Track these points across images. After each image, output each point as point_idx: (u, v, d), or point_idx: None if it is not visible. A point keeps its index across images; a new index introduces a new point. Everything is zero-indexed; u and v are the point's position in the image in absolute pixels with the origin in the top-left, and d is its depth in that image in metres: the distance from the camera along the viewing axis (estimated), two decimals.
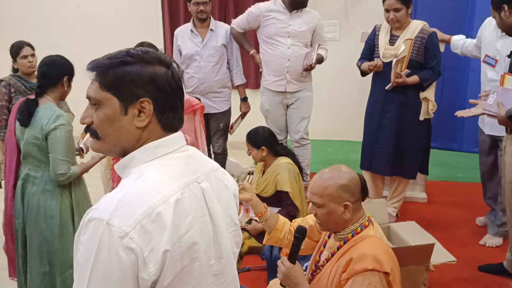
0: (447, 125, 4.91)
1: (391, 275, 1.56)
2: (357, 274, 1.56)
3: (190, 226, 1.03)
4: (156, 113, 1.06)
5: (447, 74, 4.47)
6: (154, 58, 1.08)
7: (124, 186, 1.02)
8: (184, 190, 1.05)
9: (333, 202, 1.68)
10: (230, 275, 1.18)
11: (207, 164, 1.19)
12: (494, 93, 2.41)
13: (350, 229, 1.70)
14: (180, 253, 1.00)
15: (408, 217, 3.34)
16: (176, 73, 1.10)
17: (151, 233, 0.96)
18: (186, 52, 3.69)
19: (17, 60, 3.21)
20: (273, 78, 3.69)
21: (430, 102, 3.22)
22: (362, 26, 5.09)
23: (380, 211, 2.66)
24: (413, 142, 3.26)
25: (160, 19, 5.71)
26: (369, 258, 1.56)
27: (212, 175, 1.17)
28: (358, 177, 1.72)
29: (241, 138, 5.59)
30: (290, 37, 3.56)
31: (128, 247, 0.93)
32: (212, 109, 3.79)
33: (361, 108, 3.72)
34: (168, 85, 1.07)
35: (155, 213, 0.97)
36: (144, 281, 0.96)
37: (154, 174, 1.04)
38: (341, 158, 4.99)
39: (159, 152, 1.07)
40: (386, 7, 3.12)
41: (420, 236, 2.53)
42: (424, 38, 3.12)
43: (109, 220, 0.94)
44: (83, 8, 5.85)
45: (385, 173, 3.41)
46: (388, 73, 3.15)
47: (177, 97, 1.10)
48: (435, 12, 4.67)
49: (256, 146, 3.00)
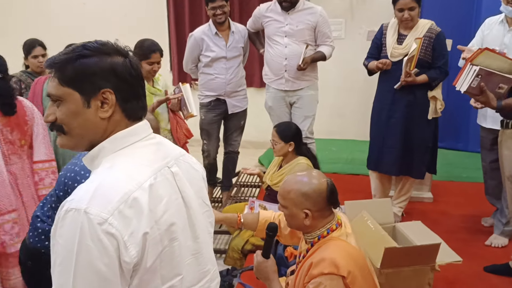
0: (453, 125, 4.89)
1: (348, 278, 1.57)
2: (314, 278, 1.58)
3: (166, 208, 1.07)
4: (119, 103, 1.09)
5: (453, 73, 4.42)
6: (112, 49, 1.10)
7: (98, 176, 1.05)
8: (156, 175, 1.08)
9: (295, 207, 1.70)
10: (208, 254, 1.24)
11: (175, 149, 1.23)
12: (479, 76, 2.40)
13: (316, 234, 1.72)
14: (159, 235, 1.04)
15: (414, 217, 3.33)
16: (134, 62, 1.13)
17: (129, 218, 0.99)
18: (213, 55, 3.71)
19: (28, 59, 3.31)
20: (273, 76, 3.75)
21: (438, 101, 3.21)
22: (367, 24, 5.09)
23: (385, 210, 2.65)
24: (421, 141, 3.25)
25: (166, 18, 5.72)
26: (326, 262, 1.58)
27: (181, 159, 1.21)
28: (325, 187, 1.70)
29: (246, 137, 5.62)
30: (288, 36, 3.59)
31: (109, 232, 0.95)
32: (237, 108, 3.91)
33: (366, 107, 3.71)
34: (128, 74, 1.10)
35: (131, 198, 1.00)
36: (127, 264, 0.98)
37: (126, 162, 1.07)
38: (346, 157, 4.99)
39: (128, 141, 1.10)
40: (400, 7, 3.08)
41: (426, 236, 2.52)
42: (432, 38, 3.11)
43: (87, 209, 0.96)
44: (89, 5, 5.88)
45: (392, 173, 3.39)
46: (395, 73, 3.13)
47: (138, 85, 1.13)
48: (441, 11, 4.65)
49: (285, 139, 2.96)
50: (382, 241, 2.25)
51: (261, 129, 5.21)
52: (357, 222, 2.40)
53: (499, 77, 2.43)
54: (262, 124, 4.96)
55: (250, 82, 5.76)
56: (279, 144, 2.97)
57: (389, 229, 2.58)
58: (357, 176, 4.40)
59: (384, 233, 2.34)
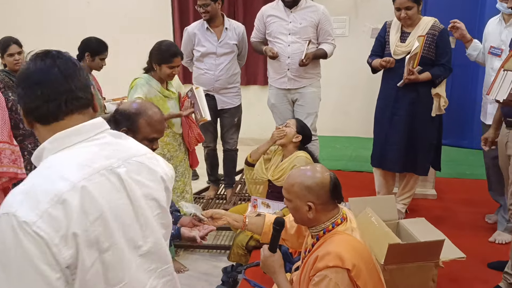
0: (457, 122, 4.89)
1: (353, 271, 1.58)
2: (320, 271, 1.60)
3: (103, 210, 1.05)
4: (25, 113, 1.13)
5: (457, 71, 4.44)
6: (33, 56, 1.13)
7: (31, 178, 1.06)
8: (92, 176, 1.06)
9: (298, 200, 1.73)
10: (160, 254, 1.23)
11: (129, 149, 1.20)
12: None
13: (321, 227, 1.74)
14: (95, 237, 1.03)
15: (418, 214, 3.34)
16: (48, 64, 1.12)
17: (59, 220, 0.98)
18: (203, 50, 3.77)
19: (4, 57, 3.28)
20: (276, 76, 3.77)
21: (442, 98, 3.21)
22: (371, 22, 5.08)
23: (389, 207, 2.67)
24: (424, 138, 3.25)
25: (170, 16, 5.73)
26: (331, 255, 1.60)
27: (134, 160, 1.18)
28: (328, 181, 1.72)
29: (249, 135, 5.65)
30: (291, 34, 3.60)
31: (38, 235, 0.96)
32: (226, 104, 3.91)
33: (370, 105, 3.72)
34: (36, 82, 1.10)
35: (61, 200, 1.00)
36: (61, 264, 0.98)
37: (61, 162, 1.07)
38: (350, 154, 5.00)
39: (70, 141, 1.10)
40: (397, 6, 3.10)
41: (430, 232, 2.53)
42: (435, 35, 3.11)
43: (16, 212, 0.97)
44: (93, 4, 5.89)
45: (396, 170, 3.40)
46: (399, 70, 3.14)
47: (51, 87, 1.10)
48: (444, 9, 4.64)
49: (298, 130, 3.03)
50: (386, 238, 2.26)
51: (264, 126, 5.23)
52: (361, 219, 2.41)
53: None
54: (265, 122, 4.98)
55: (254, 80, 5.78)
56: (291, 128, 3.01)
57: (393, 225, 2.60)
58: (361, 173, 4.42)
59: (388, 229, 2.35)
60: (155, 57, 2.90)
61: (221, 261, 3.28)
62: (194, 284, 3.02)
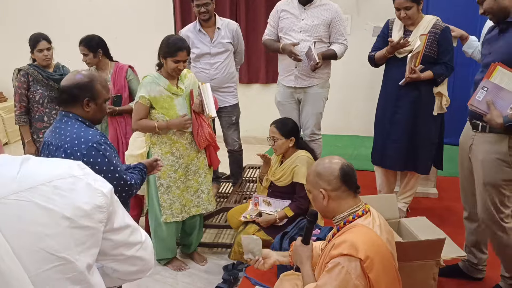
0: (458, 121, 4.85)
1: (365, 262, 1.58)
2: (333, 258, 1.62)
3: None
4: None
5: (459, 70, 4.44)
6: None
7: None
8: None
9: (314, 188, 1.80)
10: None
11: (8, 184, 0.92)
12: (484, 88, 2.19)
13: (341, 218, 1.76)
14: None
15: (419, 213, 3.34)
16: None
17: None
18: (198, 52, 3.78)
19: (34, 52, 3.42)
20: (284, 73, 3.75)
21: (444, 97, 3.21)
22: (373, 20, 5.08)
23: (391, 206, 2.66)
24: (426, 137, 3.25)
25: (172, 14, 5.73)
26: (347, 243, 1.61)
27: (12, 198, 0.91)
28: (338, 167, 1.77)
29: (252, 133, 5.65)
30: (303, 32, 3.55)
31: None
32: (223, 102, 3.90)
33: (371, 103, 3.71)
34: None
35: None
36: None
37: None
38: (351, 153, 5.00)
39: None
40: (396, 6, 3.10)
41: (431, 231, 2.53)
42: (437, 34, 3.10)
43: None
44: (95, 1, 5.90)
45: (397, 168, 3.40)
46: (401, 69, 3.13)
47: None
48: (446, 8, 4.64)
49: (285, 135, 2.98)
50: None
51: (266, 125, 5.21)
52: None
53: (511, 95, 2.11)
54: (267, 120, 4.95)
55: (255, 79, 5.78)
56: (280, 140, 2.98)
57: (394, 224, 2.59)
58: (362, 171, 4.41)
59: (389, 228, 2.34)
60: (161, 51, 2.88)
61: (222, 259, 3.29)
62: (195, 282, 3.03)
